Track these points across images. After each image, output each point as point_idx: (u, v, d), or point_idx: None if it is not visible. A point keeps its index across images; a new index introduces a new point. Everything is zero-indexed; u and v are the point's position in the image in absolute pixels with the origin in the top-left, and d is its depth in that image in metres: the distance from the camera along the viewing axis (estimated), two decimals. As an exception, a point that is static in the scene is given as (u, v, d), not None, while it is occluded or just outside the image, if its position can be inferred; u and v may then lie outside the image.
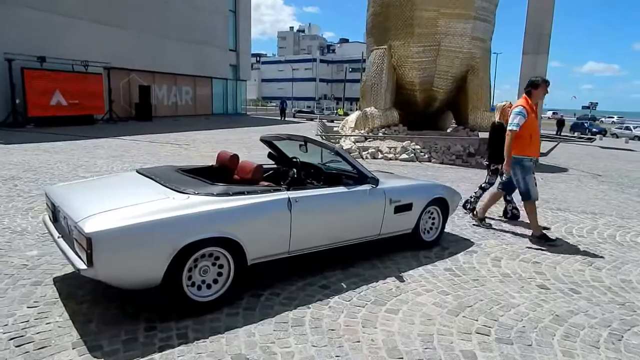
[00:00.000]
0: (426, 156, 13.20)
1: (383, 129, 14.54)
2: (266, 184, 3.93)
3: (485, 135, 15.10)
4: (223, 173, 4.25)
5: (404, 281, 3.97)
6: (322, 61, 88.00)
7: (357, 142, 14.40)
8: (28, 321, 2.99)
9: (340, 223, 4.06)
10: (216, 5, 31.91)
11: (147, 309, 3.21)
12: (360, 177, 4.25)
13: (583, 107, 38.27)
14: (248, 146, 14.75)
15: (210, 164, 4.62)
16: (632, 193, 9.18)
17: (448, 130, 17.37)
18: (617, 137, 34.55)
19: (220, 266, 3.28)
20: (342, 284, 3.85)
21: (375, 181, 4.26)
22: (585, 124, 37.50)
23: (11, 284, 3.56)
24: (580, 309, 3.56)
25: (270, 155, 5.27)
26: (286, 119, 36.31)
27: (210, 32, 31.37)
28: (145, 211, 2.98)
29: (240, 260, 3.33)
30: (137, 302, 3.30)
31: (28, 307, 3.19)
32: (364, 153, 13.39)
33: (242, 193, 3.41)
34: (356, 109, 40.70)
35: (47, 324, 2.97)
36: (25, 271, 3.82)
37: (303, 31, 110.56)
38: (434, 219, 4.99)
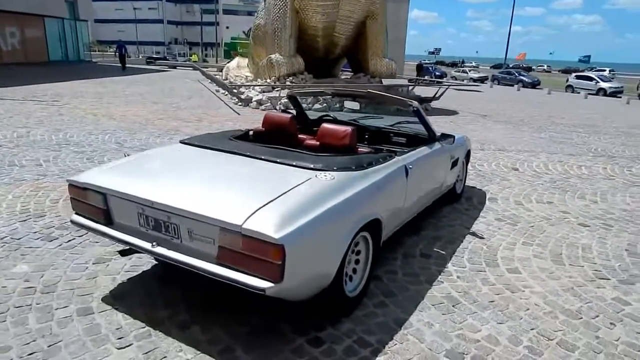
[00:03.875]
0: (337, 105, 13.14)
1: (290, 78, 13.91)
2: (366, 149, 3.37)
3: (388, 81, 15.74)
4: (282, 138, 3.51)
5: (482, 237, 3.93)
6: (168, 0, 78.86)
7: (264, 92, 13.57)
8: None
9: (431, 186, 3.79)
10: None
11: (274, 320, 2.57)
12: (431, 136, 3.95)
13: (429, 53, 42.30)
14: (155, 102, 12.80)
15: (250, 130, 3.79)
16: (529, 130, 10.60)
17: (341, 77, 17.55)
18: (456, 79, 39.33)
19: (358, 252, 2.76)
20: (436, 249, 3.63)
21: (447, 138, 4.04)
22: (430, 68, 41.67)
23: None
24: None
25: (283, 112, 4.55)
26: (127, 66, 27.08)
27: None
28: (309, 199, 2.27)
29: (376, 242, 2.85)
30: (244, 314, 2.61)
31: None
32: (276, 104, 12.71)
33: (371, 164, 2.87)
34: (232, 57, 38.19)
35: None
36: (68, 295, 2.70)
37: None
38: (460, 170, 5.00)
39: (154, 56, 44.03)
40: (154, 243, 2.33)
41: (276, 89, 13.55)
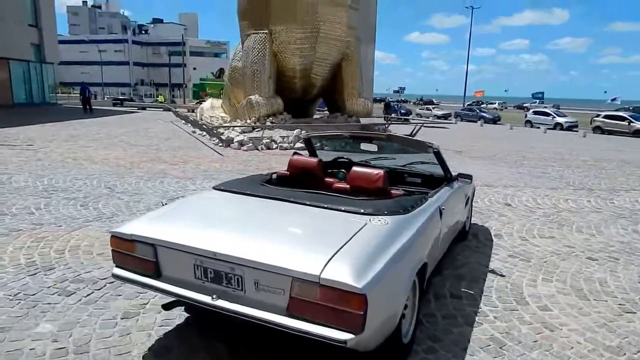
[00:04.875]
0: (318, 144, 13.30)
1: (270, 118, 14.05)
2: (399, 191, 3.41)
3: (365, 120, 16.14)
4: (309, 182, 3.51)
5: (503, 275, 4.00)
6: (135, 42, 78.55)
7: (244, 132, 13.61)
8: None
9: (454, 225, 3.86)
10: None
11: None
12: (448, 176, 4.05)
13: (394, 92, 43.86)
14: (133, 144, 12.55)
15: (272, 173, 3.78)
16: (506, 165, 11.05)
17: (315, 117, 17.89)
18: (421, 116, 40.77)
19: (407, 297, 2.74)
20: (464, 289, 3.66)
21: (469, 178, 4.15)
22: (396, 107, 43.10)
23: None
24: None
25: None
26: (93, 108, 27.01)
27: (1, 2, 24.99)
28: (374, 245, 2.27)
29: (421, 284, 2.85)
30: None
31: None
32: (258, 144, 12.74)
33: (414, 207, 2.90)
34: (201, 97, 38.13)
35: None
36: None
37: (100, 7, 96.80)
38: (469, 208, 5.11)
39: (121, 97, 43.54)
40: (214, 296, 2.24)
41: (257, 130, 13.63)
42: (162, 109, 32.42)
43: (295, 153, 4.36)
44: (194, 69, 64.28)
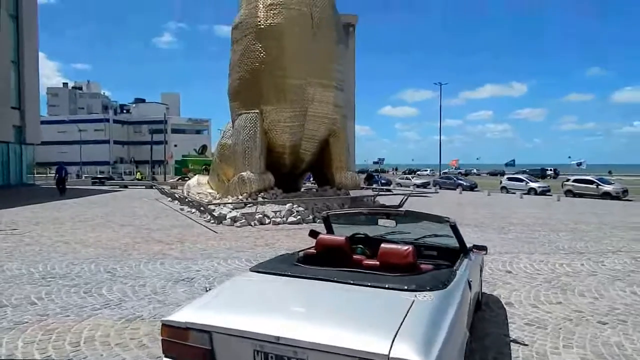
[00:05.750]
0: (310, 217, 13.48)
1: (261, 193, 14.24)
2: (429, 266, 3.52)
3: (355, 193, 16.47)
4: (338, 260, 3.60)
5: (526, 344, 4.05)
6: (116, 121, 79.84)
7: (236, 208, 13.68)
8: None
9: (475, 297, 3.95)
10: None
11: None
12: (464, 249, 4.20)
13: (374, 162, 45.17)
14: (123, 225, 12.41)
15: (300, 251, 3.86)
16: (494, 232, 11.36)
17: (302, 190, 18.20)
18: (401, 185, 41.83)
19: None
20: (492, 361, 3.69)
21: (484, 249, 4.32)
22: (377, 177, 44.21)
23: None
24: None
25: (312, 234, 4.65)
26: (67, 188, 25.05)
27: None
28: (428, 322, 2.35)
29: (466, 356, 2.89)
30: None
31: None
32: (251, 220, 12.79)
33: (449, 281, 3.02)
34: (183, 173, 38.17)
35: None
36: None
37: (80, 88, 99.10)
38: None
39: (100, 176, 43.30)
40: None
41: (249, 205, 13.74)
42: (144, 187, 32.30)
43: (312, 231, 4.48)
44: (175, 145, 65.26)
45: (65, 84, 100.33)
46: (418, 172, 57.59)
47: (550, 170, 60.38)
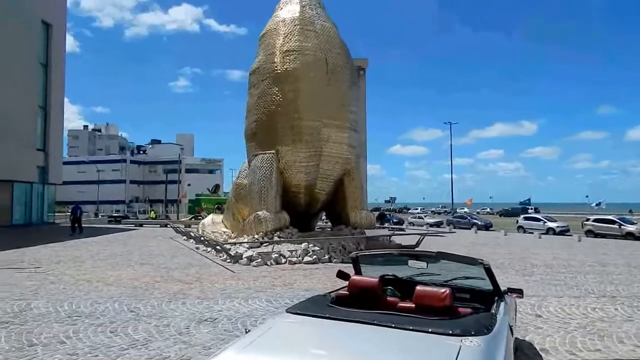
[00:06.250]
0: (326, 256, 13.44)
1: (277, 233, 14.31)
2: (467, 309, 3.49)
3: (370, 232, 16.44)
4: (371, 302, 3.60)
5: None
6: (133, 162, 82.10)
7: (252, 247, 13.73)
8: None
9: (513, 339, 3.90)
10: (23, 100, 27.50)
11: None
12: (498, 291, 4.15)
13: (385, 202, 45.15)
14: (142, 263, 12.51)
15: (330, 292, 3.88)
16: (516, 274, 11.17)
17: (316, 229, 18.20)
18: (414, 224, 41.57)
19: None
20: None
21: (520, 292, 4.30)
22: (388, 216, 44.04)
23: None
24: None
25: (341, 275, 4.67)
26: (83, 227, 24.90)
27: (13, 128, 26.47)
28: None
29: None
30: None
31: None
32: (267, 259, 12.80)
33: (492, 325, 3.00)
34: (197, 212, 38.52)
35: None
36: None
37: (99, 130, 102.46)
38: None
39: (116, 215, 44.10)
40: None
41: (264, 244, 13.79)
42: (158, 225, 32.60)
43: (340, 271, 4.51)
44: (189, 184, 66.29)
45: (85, 127, 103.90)
46: (433, 210, 57.37)
47: (531, 209, 60.78)
